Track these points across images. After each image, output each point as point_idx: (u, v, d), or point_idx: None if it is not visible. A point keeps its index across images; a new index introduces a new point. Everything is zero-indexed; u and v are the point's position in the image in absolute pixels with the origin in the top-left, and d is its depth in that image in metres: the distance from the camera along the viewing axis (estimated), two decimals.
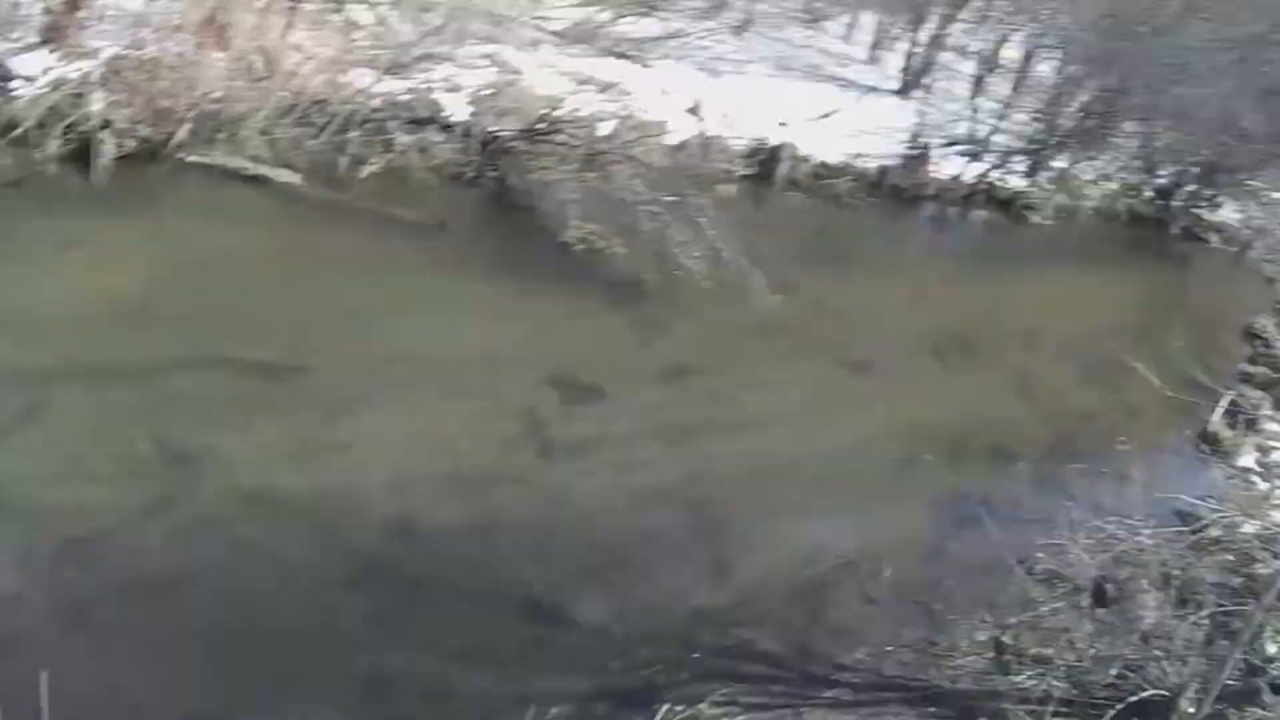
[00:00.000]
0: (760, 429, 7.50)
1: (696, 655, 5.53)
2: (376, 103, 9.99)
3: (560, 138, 10.33)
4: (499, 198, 10.09)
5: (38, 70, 8.96)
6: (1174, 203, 17.31)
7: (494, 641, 5.30)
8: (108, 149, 9.01)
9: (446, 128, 10.46)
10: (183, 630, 5.10)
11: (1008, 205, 15.33)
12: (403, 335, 7.49)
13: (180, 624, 5.14)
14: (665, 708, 5.05)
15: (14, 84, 8.93)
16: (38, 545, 5.33)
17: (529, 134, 10.40)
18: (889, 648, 5.73)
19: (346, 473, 6.18)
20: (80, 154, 8.94)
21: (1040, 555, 6.62)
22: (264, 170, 9.53)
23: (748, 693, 5.41)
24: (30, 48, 9.14)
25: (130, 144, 9.13)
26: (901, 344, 10.10)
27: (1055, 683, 5.48)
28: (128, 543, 5.52)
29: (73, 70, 8.96)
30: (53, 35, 9.10)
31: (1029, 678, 5.57)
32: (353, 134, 9.85)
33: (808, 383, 8.37)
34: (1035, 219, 15.48)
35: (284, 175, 9.56)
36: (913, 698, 5.35)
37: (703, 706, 5.14)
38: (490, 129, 10.52)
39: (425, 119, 10.39)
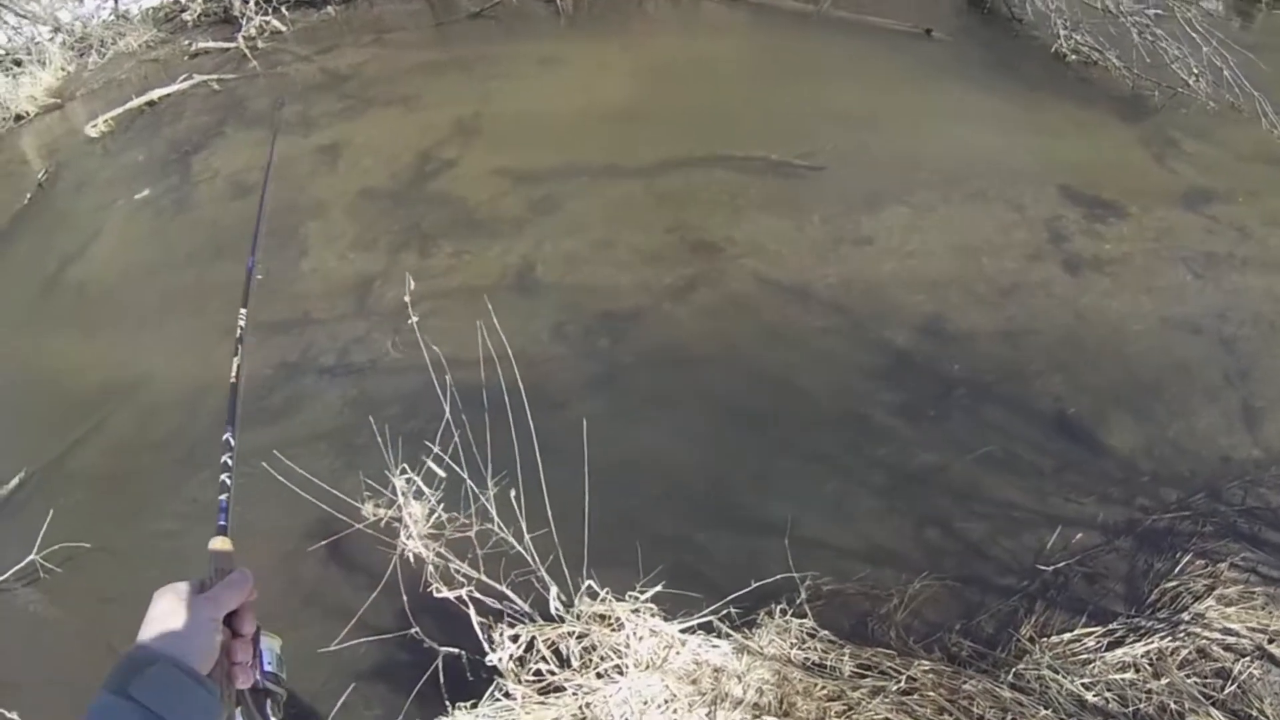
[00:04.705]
0: None
1: (1221, 509, 5.55)
2: None
3: None
4: (977, 5, 10.33)
5: None
6: None
7: (1024, 453, 5.60)
8: None
9: None
10: (712, 402, 5.86)
11: None
12: (908, 139, 7.91)
13: (710, 396, 5.90)
14: (1187, 558, 5.18)
15: None
16: (573, 318, 6.33)
17: None
18: None
19: (872, 269, 6.70)
20: None
21: None
22: None
23: (1268, 563, 5.33)
24: None
25: None
26: None
27: None
28: (657, 319, 6.36)
29: None
30: None
31: None
32: None
33: None
34: None
35: None
36: None
37: (1222, 566, 5.17)
38: None
39: None
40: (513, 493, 4.08)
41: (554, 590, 4.18)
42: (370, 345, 6.85)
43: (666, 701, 4.14)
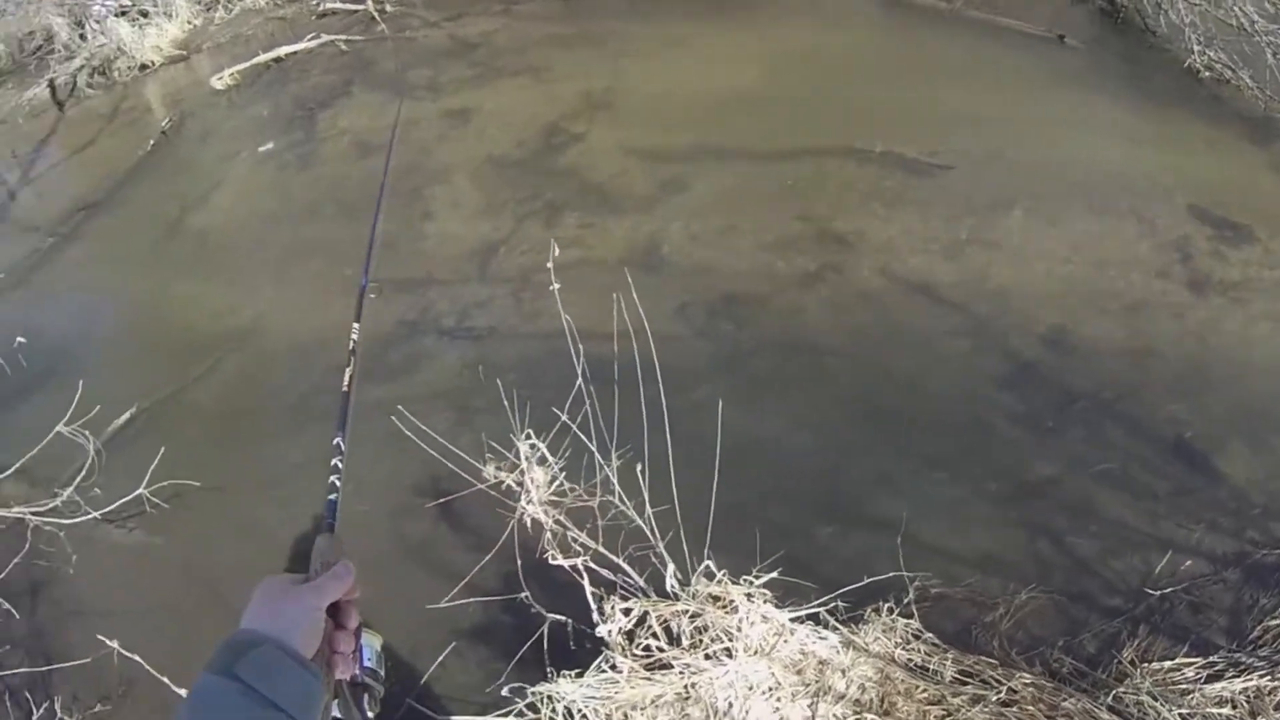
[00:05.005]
0: None
1: None
2: None
3: None
4: (1111, 14, 10.12)
5: None
6: None
7: (1139, 473, 5.46)
8: None
9: None
10: (832, 395, 5.85)
11: None
12: (1037, 144, 7.78)
13: (830, 388, 5.90)
14: None
15: None
16: (697, 299, 6.37)
17: None
18: None
19: (998, 273, 6.61)
20: None
21: None
22: None
23: None
24: None
25: None
26: None
27: None
28: (782, 306, 6.38)
29: None
30: None
31: None
32: None
33: None
34: None
35: None
36: None
37: None
38: None
39: None
40: (639, 466, 4.07)
41: (671, 567, 4.17)
42: (491, 310, 6.93)
43: (771, 689, 4.13)
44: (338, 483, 1.97)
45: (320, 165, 9.30)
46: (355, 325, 2.39)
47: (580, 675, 4.22)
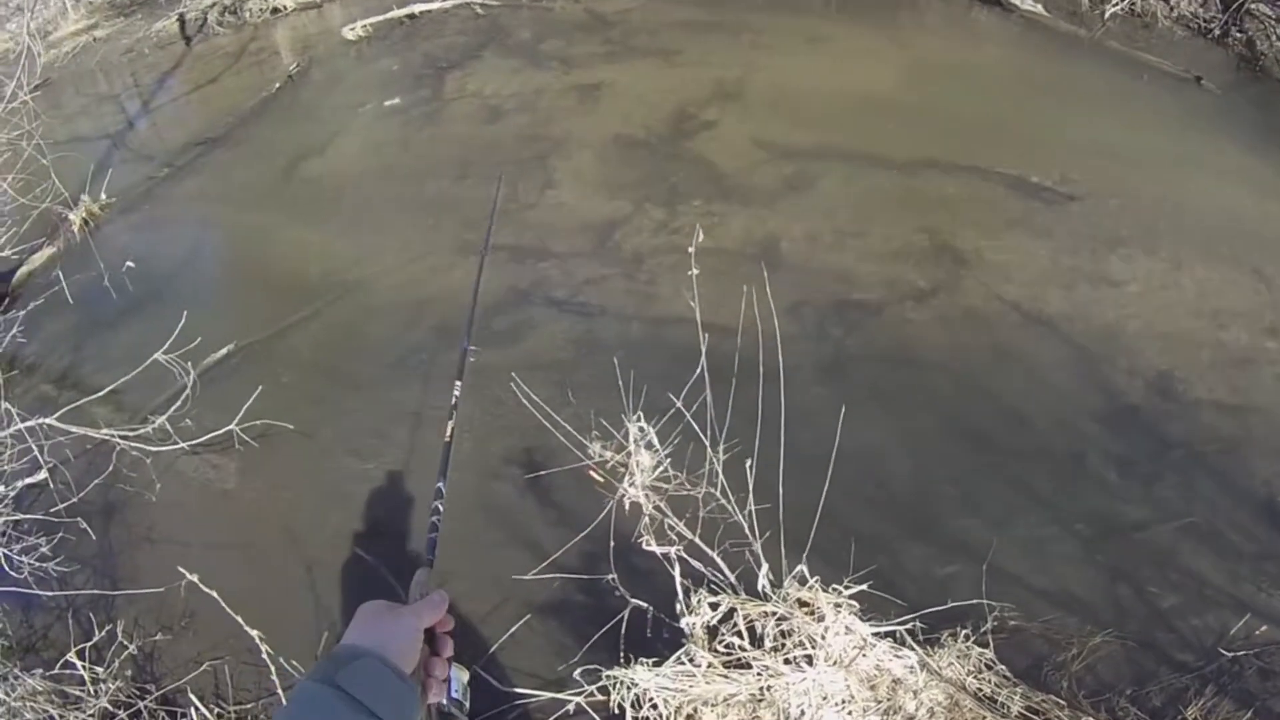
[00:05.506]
0: None
1: None
2: None
3: None
4: (1249, 61, 9.87)
5: None
6: None
7: (1227, 531, 5.37)
8: None
9: None
10: (935, 411, 5.84)
11: None
12: (1163, 185, 7.64)
13: (934, 405, 5.88)
14: None
15: None
16: (810, 300, 6.41)
17: None
18: None
19: (1110, 311, 6.52)
20: None
21: None
22: None
23: None
24: None
25: None
26: None
27: None
28: (893, 318, 6.39)
29: None
30: None
31: None
32: None
33: None
34: None
35: (1026, 3, 10.19)
36: None
37: None
38: None
39: None
40: (748, 462, 4.04)
41: (765, 568, 4.14)
42: (604, 288, 6.96)
43: (843, 701, 4.10)
44: (438, 523, 2.08)
45: (445, 125, 9.42)
46: (457, 383, 2.51)
47: (658, 664, 4.19)
